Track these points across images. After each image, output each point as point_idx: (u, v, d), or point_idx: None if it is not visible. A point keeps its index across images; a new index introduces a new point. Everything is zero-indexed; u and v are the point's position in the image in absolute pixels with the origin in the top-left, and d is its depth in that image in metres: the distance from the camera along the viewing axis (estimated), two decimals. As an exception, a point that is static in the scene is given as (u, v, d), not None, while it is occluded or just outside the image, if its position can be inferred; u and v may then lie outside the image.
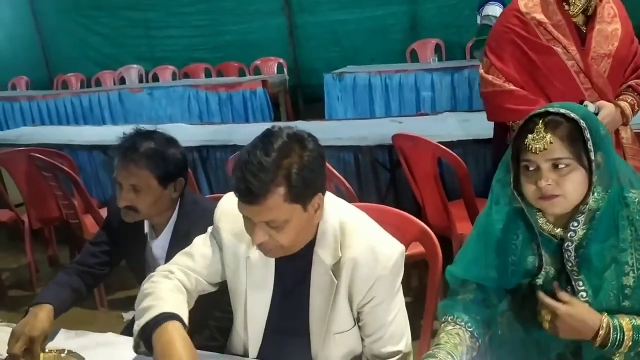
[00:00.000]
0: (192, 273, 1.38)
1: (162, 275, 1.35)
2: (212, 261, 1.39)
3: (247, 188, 1.13)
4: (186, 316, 1.25)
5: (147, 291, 1.29)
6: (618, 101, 1.87)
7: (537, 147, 1.18)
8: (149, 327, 1.19)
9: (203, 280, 1.39)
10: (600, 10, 1.85)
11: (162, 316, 1.19)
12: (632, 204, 1.21)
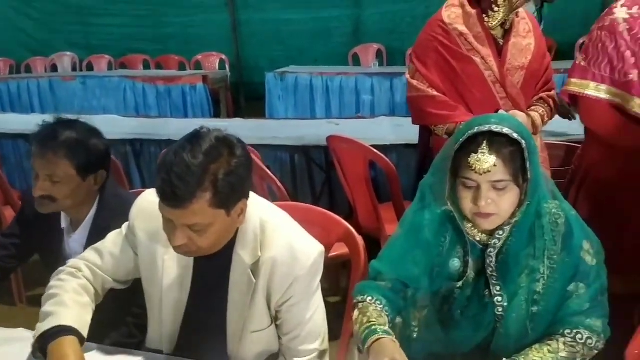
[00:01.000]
0: (100, 271, 1.36)
1: (69, 272, 1.32)
2: (123, 260, 1.37)
3: (173, 192, 1.11)
4: (86, 325, 1.24)
5: (52, 291, 1.27)
6: (530, 111, 1.97)
7: (481, 168, 1.20)
8: (45, 337, 1.17)
9: (110, 279, 1.38)
10: (516, 25, 1.94)
11: (59, 329, 1.17)
12: (546, 215, 1.28)
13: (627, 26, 1.62)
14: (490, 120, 1.25)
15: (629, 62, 1.60)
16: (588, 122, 1.77)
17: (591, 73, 1.67)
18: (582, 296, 1.25)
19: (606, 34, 1.65)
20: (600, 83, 1.66)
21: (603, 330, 1.26)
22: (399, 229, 1.41)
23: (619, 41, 1.62)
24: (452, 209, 1.31)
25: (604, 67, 1.65)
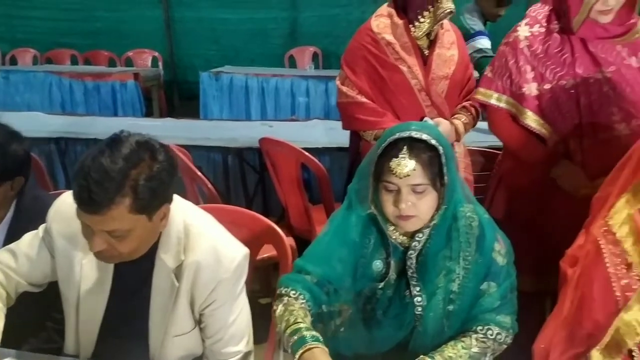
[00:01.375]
0: (13, 274, 1.32)
1: None
2: (38, 263, 1.34)
3: (90, 197, 1.08)
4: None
5: None
6: (453, 119, 2.06)
7: (402, 172, 1.26)
8: None
9: (24, 282, 1.34)
10: (441, 36, 2.03)
11: None
12: (462, 218, 1.35)
13: (527, 43, 1.75)
14: (410, 127, 1.32)
15: (525, 76, 1.74)
16: (492, 129, 1.91)
17: (495, 84, 1.81)
18: (493, 294, 1.33)
19: (509, 49, 1.79)
20: (501, 93, 1.80)
21: (512, 326, 1.34)
22: (326, 228, 1.45)
23: (519, 57, 1.75)
24: (376, 212, 1.36)
25: (505, 79, 1.78)
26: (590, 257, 1.27)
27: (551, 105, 1.73)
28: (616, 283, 1.22)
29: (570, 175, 1.73)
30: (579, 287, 1.27)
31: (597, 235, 1.26)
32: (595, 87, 1.69)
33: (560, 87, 1.71)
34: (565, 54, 1.71)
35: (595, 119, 1.71)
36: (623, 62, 1.70)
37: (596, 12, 1.64)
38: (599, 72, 1.69)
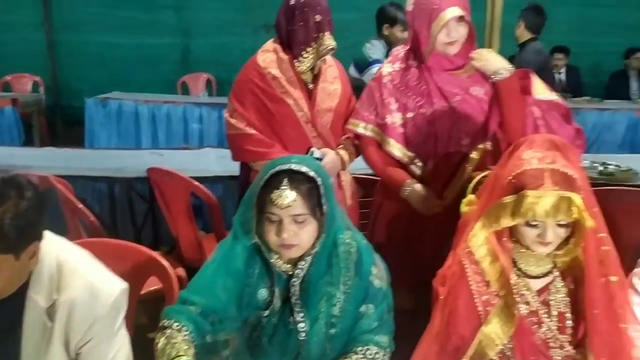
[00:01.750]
0: None
1: None
2: None
3: None
4: None
5: None
6: (339, 149, 2.17)
7: (283, 203, 1.32)
8: None
9: None
10: (324, 71, 2.15)
11: None
12: (341, 245, 1.43)
13: (390, 78, 1.95)
14: (291, 160, 1.39)
15: (389, 107, 1.93)
16: (363, 157, 2.09)
17: (362, 115, 1.99)
18: (371, 316, 1.41)
19: (375, 84, 1.99)
20: (367, 123, 1.98)
21: (389, 345, 1.43)
22: (211, 258, 1.48)
23: (383, 90, 1.94)
24: (260, 242, 1.41)
25: (371, 110, 1.97)
26: (456, 276, 1.39)
27: (415, 131, 1.92)
28: (478, 299, 1.36)
29: (418, 195, 1.89)
30: (447, 304, 1.39)
31: (461, 256, 1.39)
32: (447, 114, 1.89)
33: (421, 115, 1.90)
34: (423, 86, 1.91)
35: (448, 143, 1.91)
36: (467, 91, 1.90)
37: (442, 44, 1.84)
38: (448, 101, 1.89)
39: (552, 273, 1.38)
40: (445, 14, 1.77)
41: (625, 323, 1.32)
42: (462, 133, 1.91)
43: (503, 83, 1.79)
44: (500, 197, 1.30)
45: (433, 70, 1.90)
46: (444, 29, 1.80)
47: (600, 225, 1.32)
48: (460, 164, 1.93)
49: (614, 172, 3.11)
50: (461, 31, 1.83)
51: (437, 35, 1.81)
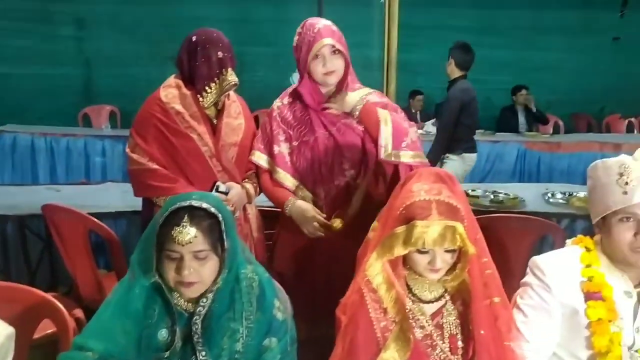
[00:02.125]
0: None
1: None
2: None
3: None
4: None
5: None
6: (244, 183, 2.19)
7: (183, 240, 1.32)
8: None
9: None
10: (228, 107, 2.17)
11: None
12: (244, 279, 1.44)
13: (278, 111, 2.10)
14: (191, 196, 1.39)
15: (278, 138, 2.08)
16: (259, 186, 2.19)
17: (257, 146, 2.14)
18: (274, 349, 1.42)
19: (267, 118, 2.15)
20: (262, 153, 2.13)
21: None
22: (107, 300, 1.43)
23: (273, 123, 2.10)
24: (160, 281, 1.39)
25: (264, 142, 2.12)
26: (355, 304, 1.44)
27: (300, 159, 2.05)
28: (377, 326, 1.41)
29: (299, 210, 2.01)
30: (348, 332, 1.43)
31: (360, 284, 1.45)
32: (328, 142, 2.04)
33: (304, 143, 2.05)
34: (306, 116, 2.06)
35: (331, 170, 2.04)
36: (346, 121, 2.05)
37: (320, 74, 1.99)
38: (328, 129, 2.05)
39: (443, 297, 1.47)
40: (319, 43, 1.94)
41: (509, 340, 1.43)
42: (344, 160, 2.04)
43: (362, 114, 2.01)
44: (393, 227, 1.38)
45: (316, 110, 2.05)
46: (320, 59, 1.96)
47: (483, 251, 1.43)
48: (348, 191, 2.05)
49: (503, 199, 3.35)
50: (336, 62, 1.98)
51: (313, 65, 1.97)
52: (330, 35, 1.96)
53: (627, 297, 1.49)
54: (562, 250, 1.63)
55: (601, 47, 6.87)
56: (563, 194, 3.44)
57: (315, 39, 1.95)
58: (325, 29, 1.97)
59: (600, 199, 1.47)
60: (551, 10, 6.78)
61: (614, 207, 1.43)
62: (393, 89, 2.68)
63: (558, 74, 6.83)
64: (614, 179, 1.43)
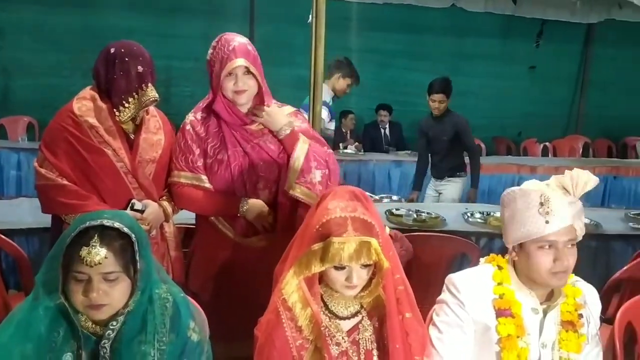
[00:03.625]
0: None
1: None
2: None
3: None
4: None
5: None
6: (162, 201, 2.12)
7: (92, 261, 1.26)
8: None
9: None
10: (147, 121, 2.10)
11: None
12: (157, 300, 1.39)
13: (191, 126, 2.08)
14: (102, 215, 1.34)
15: (195, 152, 2.05)
16: (176, 203, 2.14)
17: (175, 165, 2.09)
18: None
19: (180, 134, 2.11)
20: (179, 171, 2.07)
21: None
22: (6, 323, 1.35)
23: (187, 137, 2.07)
24: (66, 303, 1.32)
25: (181, 158, 2.08)
26: (272, 323, 1.43)
27: (214, 177, 2.05)
28: (293, 344, 1.41)
29: (256, 206, 2.02)
30: (264, 351, 1.42)
31: (277, 303, 1.44)
32: (244, 160, 2.05)
33: (218, 160, 2.04)
34: (221, 134, 2.05)
35: (244, 188, 2.06)
36: (260, 140, 2.06)
37: (231, 92, 1.99)
38: (242, 147, 2.05)
39: (360, 313, 1.49)
40: (233, 63, 1.94)
41: (419, 355, 1.46)
42: (259, 179, 2.05)
43: (287, 139, 2.02)
44: (310, 245, 1.39)
45: (235, 126, 2.04)
46: (232, 77, 1.96)
47: (396, 268, 1.47)
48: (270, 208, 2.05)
49: (425, 219, 3.44)
50: (248, 82, 1.99)
51: (225, 82, 1.97)
52: (244, 55, 1.96)
53: (534, 313, 1.57)
54: (476, 268, 1.69)
55: (519, 74, 7.28)
56: (481, 213, 3.58)
57: (230, 58, 1.94)
58: (240, 47, 1.97)
59: (518, 226, 1.52)
60: (473, 37, 7.13)
61: (535, 236, 1.49)
62: (319, 109, 2.70)
63: (480, 98, 7.16)
64: (535, 208, 1.49)
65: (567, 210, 1.48)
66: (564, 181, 1.50)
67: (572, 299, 1.59)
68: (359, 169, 5.61)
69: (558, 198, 1.49)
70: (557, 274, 1.50)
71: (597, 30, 7.35)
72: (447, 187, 4.37)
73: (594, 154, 7.23)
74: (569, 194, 1.50)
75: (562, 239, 1.48)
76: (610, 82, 7.44)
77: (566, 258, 1.48)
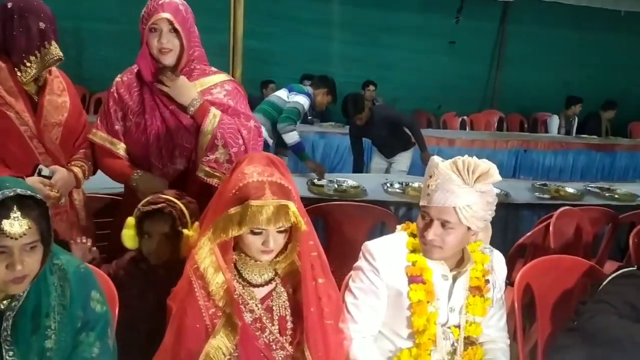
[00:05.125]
0: None
1: None
2: None
3: None
4: None
5: None
6: (72, 167, 2.02)
7: (17, 233, 1.19)
8: None
9: None
10: (50, 83, 1.97)
11: None
12: (56, 272, 1.33)
13: (115, 87, 2.03)
14: (17, 184, 1.25)
15: (114, 116, 2.01)
16: (99, 166, 2.10)
17: (97, 124, 2.06)
18: (91, 343, 1.34)
19: (106, 95, 2.07)
20: (98, 130, 2.05)
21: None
22: None
23: (110, 99, 2.03)
24: None
25: (102, 119, 2.05)
26: (184, 291, 1.41)
27: (133, 140, 2.00)
28: (205, 313, 1.39)
29: (145, 179, 1.98)
30: (176, 319, 1.39)
31: (189, 271, 1.41)
32: (162, 125, 1.98)
33: (137, 124, 1.98)
34: (142, 97, 1.99)
35: (160, 153, 2.00)
36: (172, 105, 1.97)
37: (155, 49, 1.91)
38: (160, 113, 1.98)
39: (274, 280, 1.48)
40: (157, 15, 1.86)
41: (332, 319, 1.49)
42: (174, 145, 1.98)
43: (196, 113, 1.93)
44: (226, 209, 1.36)
45: (151, 85, 1.96)
46: (156, 33, 1.89)
47: (311, 234, 1.47)
48: (182, 180, 1.99)
49: (346, 189, 3.50)
50: (174, 41, 1.90)
51: (150, 38, 1.89)
52: (172, 12, 1.87)
53: (444, 279, 1.63)
54: (391, 236, 1.74)
55: (439, 49, 7.47)
56: (400, 184, 3.68)
57: (156, 11, 1.86)
58: (170, 4, 1.88)
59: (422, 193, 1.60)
60: (395, 11, 7.21)
61: (420, 202, 1.58)
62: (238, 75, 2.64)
63: (402, 72, 7.29)
64: (426, 178, 1.56)
65: (452, 192, 1.50)
66: (457, 164, 1.53)
67: (480, 265, 1.67)
68: (282, 140, 5.58)
69: (446, 177, 1.51)
70: (425, 243, 1.57)
71: (513, 9, 7.65)
72: (399, 160, 4.49)
73: (508, 128, 7.58)
74: (461, 178, 1.51)
75: (437, 216, 1.53)
76: (523, 59, 7.79)
77: (434, 233, 1.53)
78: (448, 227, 1.52)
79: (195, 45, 1.97)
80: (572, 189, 4.01)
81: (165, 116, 1.97)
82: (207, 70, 2.04)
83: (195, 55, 1.98)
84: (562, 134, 7.07)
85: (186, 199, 1.78)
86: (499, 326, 1.74)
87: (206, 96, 1.98)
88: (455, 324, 1.64)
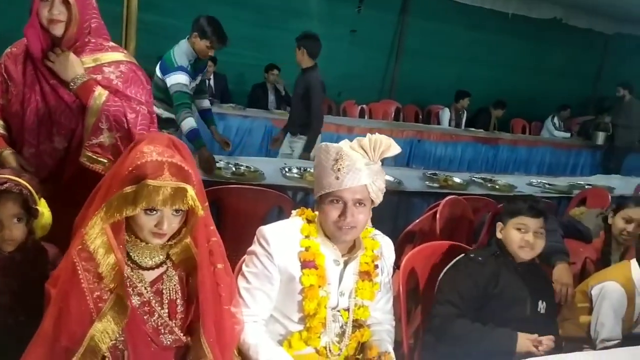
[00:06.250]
0: None
1: None
2: None
3: None
4: None
5: None
6: None
7: None
8: None
9: None
10: None
11: None
12: None
13: (5, 58, 1.92)
14: None
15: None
16: None
17: None
18: None
19: None
20: None
21: None
22: None
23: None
24: None
25: None
26: (67, 274, 1.33)
27: (11, 113, 1.89)
28: (89, 297, 1.32)
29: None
30: (57, 304, 1.31)
31: (73, 254, 1.33)
32: (41, 101, 1.87)
33: (17, 97, 1.88)
34: (27, 69, 1.87)
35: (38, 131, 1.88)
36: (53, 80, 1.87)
37: (45, 19, 1.78)
38: (41, 88, 1.87)
39: (165, 264, 1.44)
40: None
41: (228, 305, 1.48)
42: (52, 122, 1.88)
43: (79, 91, 1.85)
44: (120, 188, 1.30)
45: (36, 58, 1.84)
46: (48, 2, 1.77)
47: (209, 219, 1.45)
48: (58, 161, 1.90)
49: (244, 172, 3.47)
50: (66, 13, 1.78)
51: (41, 7, 1.77)
52: None
53: (336, 265, 1.68)
54: (286, 220, 1.75)
55: (340, 37, 7.56)
56: (298, 169, 3.71)
57: None
58: None
59: (318, 179, 1.64)
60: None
61: (327, 190, 1.60)
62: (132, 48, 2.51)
63: (303, 57, 7.28)
64: (331, 164, 1.59)
65: (362, 171, 1.58)
66: (363, 143, 1.60)
67: (370, 250, 1.73)
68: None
69: (354, 158, 1.58)
70: (342, 228, 1.61)
71: (414, 2, 7.93)
72: (298, 145, 4.35)
73: (404, 119, 7.88)
74: (367, 156, 1.59)
75: (351, 197, 1.59)
76: (421, 52, 8.11)
77: (351, 214, 1.59)
78: (361, 205, 1.60)
79: (91, 18, 1.85)
80: (459, 179, 4.26)
81: (45, 90, 1.85)
82: (104, 46, 1.92)
83: (92, 27, 1.86)
84: (452, 126, 7.48)
85: (26, 175, 1.62)
86: (386, 309, 1.82)
87: (96, 74, 1.87)
88: (345, 307, 1.69)
